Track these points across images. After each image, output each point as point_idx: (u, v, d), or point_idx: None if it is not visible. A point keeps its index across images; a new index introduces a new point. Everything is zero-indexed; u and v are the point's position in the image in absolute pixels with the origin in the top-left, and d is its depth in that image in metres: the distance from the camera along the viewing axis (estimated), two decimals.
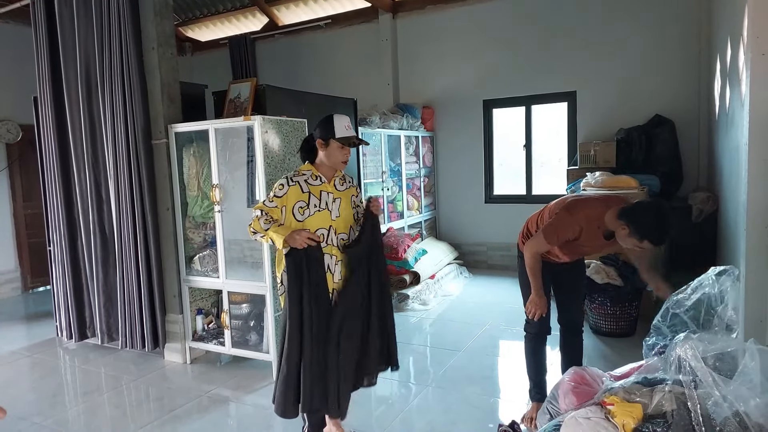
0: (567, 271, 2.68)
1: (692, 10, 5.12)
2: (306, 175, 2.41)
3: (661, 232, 2.12)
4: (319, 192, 2.40)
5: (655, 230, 2.10)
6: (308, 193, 2.38)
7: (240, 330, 3.68)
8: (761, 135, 2.02)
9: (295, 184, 2.36)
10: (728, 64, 3.53)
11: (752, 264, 2.09)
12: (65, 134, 4.02)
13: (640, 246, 2.15)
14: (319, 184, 2.42)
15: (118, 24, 3.63)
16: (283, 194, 2.34)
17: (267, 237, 2.31)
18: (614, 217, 2.21)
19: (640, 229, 2.11)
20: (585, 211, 2.31)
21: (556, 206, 2.51)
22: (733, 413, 1.56)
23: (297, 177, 2.39)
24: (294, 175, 2.40)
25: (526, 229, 2.70)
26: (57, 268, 4.25)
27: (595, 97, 5.63)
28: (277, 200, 2.34)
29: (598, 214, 2.28)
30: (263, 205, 2.35)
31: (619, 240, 2.24)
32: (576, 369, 2.23)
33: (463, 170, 6.47)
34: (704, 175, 5.17)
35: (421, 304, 4.98)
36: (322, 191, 2.41)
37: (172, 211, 3.75)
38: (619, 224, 2.19)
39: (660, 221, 2.11)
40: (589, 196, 2.52)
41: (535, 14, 5.84)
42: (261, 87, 3.77)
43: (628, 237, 2.15)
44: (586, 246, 2.44)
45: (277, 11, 7.24)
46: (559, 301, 2.73)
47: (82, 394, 3.45)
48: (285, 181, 2.36)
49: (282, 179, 2.38)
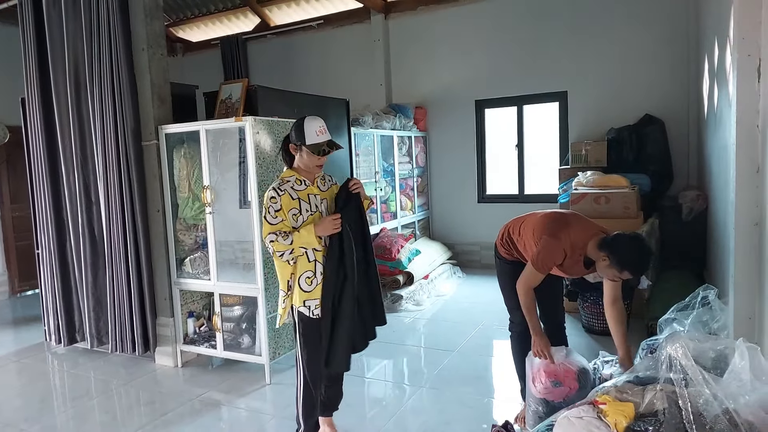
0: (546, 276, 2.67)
1: (681, 12, 5.16)
2: (290, 181, 2.40)
3: (642, 263, 2.20)
4: (306, 196, 2.41)
5: (635, 261, 2.17)
6: (298, 200, 2.38)
7: (232, 332, 3.66)
8: (748, 134, 2.04)
9: (284, 193, 2.35)
10: (716, 65, 3.56)
11: (741, 262, 2.11)
12: (54, 136, 3.98)
13: (620, 276, 2.21)
14: (305, 188, 2.42)
15: (107, 24, 3.60)
16: (279, 207, 2.33)
17: (296, 249, 2.32)
18: (595, 247, 2.25)
19: (621, 260, 2.16)
20: (570, 238, 2.33)
21: (539, 226, 2.48)
22: (723, 411, 1.57)
23: (283, 185, 2.38)
24: (280, 184, 2.38)
25: (507, 235, 2.68)
26: (45, 271, 4.21)
27: (586, 97, 5.67)
28: (278, 214, 2.33)
29: (581, 242, 2.32)
30: (271, 227, 2.32)
31: (599, 269, 2.28)
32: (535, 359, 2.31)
33: (456, 170, 6.48)
34: (694, 174, 5.21)
35: (414, 304, 4.98)
36: (309, 194, 2.42)
37: (162, 213, 3.72)
38: (600, 255, 2.23)
39: (641, 252, 2.18)
40: (570, 217, 2.51)
41: (527, 15, 5.86)
42: (252, 88, 3.75)
43: (609, 267, 2.21)
44: (567, 270, 2.45)
45: (268, 11, 7.22)
46: (541, 306, 2.72)
47: (71, 399, 3.41)
48: (274, 193, 2.34)
49: (270, 192, 2.35)
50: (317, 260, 2.39)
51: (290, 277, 2.40)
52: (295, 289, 2.40)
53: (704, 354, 1.80)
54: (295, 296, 2.41)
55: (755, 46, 2.01)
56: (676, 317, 2.20)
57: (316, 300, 2.39)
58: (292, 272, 2.40)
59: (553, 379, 2.34)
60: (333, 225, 2.32)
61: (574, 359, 2.42)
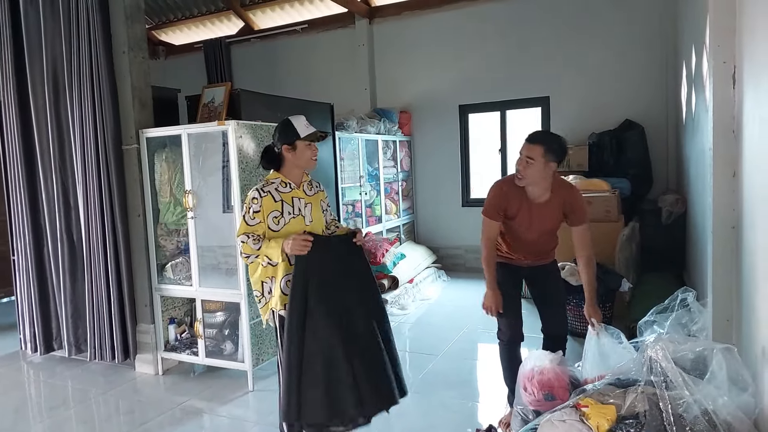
0: (539, 278, 2.71)
1: (659, 20, 5.27)
2: (275, 183, 2.37)
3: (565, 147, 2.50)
4: (291, 199, 2.37)
5: (563, 147, 2.47)
6: (281, 202, 2.34)
7: (214, 339, 3.61)
8: (724, 139, 2.08)
9: (267, 195, 2.32)
10: (693, 71, 3.63)
11: (718, 264, 2.14)
12: (31, 139, 3.90)
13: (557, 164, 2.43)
14: (290, 190, 2.39)
15: (87, 26, 3.54)
16: (260, 209, 2.29)
17: (261, 256, 2.29)
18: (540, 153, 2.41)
19: (557, 147, 2.42)
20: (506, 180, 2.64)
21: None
22: (702, 412, 1.59)
23: (267, 187, 2.34)
24: (264, 186, 2.35)
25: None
26: (21, 278, 4.11)
27: (568, 103, 5.74)
28: (257, 215, 2.29)
29: (510, 178, 2.58)
30: (246, 227, 2.29)
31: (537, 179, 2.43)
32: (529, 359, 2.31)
33: (441, 174, 6.51)
34: (673, 178, 5.30)
35: (399, 308, 4.98)
36: (294, 197, 2.38)
37: (143, 218, 3.67)
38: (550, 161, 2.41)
39: (561, 139, 2.51)
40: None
41: (510, 21, 5.92)
42: (236, 91, 3.72)
43: (547, 163, 2.40)
44: (523, 224, 2.55)
45: (252, 15, 7.19)
46: (539, 311, 2.75)
47: (48, 409, 3.33)
48: (257, 193, 2.31)
49: (253, 192, 2.31)
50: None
51: (268, 279, 2.35)
52: (276, 293, 2.35)
53: (684, 356, 1.83)
54: (275, 300, 2.35)
55: (730, 54, 2.05)
56: (656, 319, 2.23)
57: None
58: (271, 275, 2.34)
59: (546, 391, 2.32)
60: (301, 245, 2.17)
61: (567, 368, 2.40)
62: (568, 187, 2.61)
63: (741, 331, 2.02)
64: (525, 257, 2.69)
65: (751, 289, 1.86)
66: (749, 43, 1.86)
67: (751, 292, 1.86)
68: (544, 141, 2.43)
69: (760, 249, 1.73)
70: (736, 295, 2.08)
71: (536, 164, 2.42)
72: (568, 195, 2.54)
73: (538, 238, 2.63)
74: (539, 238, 2.63)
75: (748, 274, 1.90)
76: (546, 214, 2.55)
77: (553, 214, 2.55)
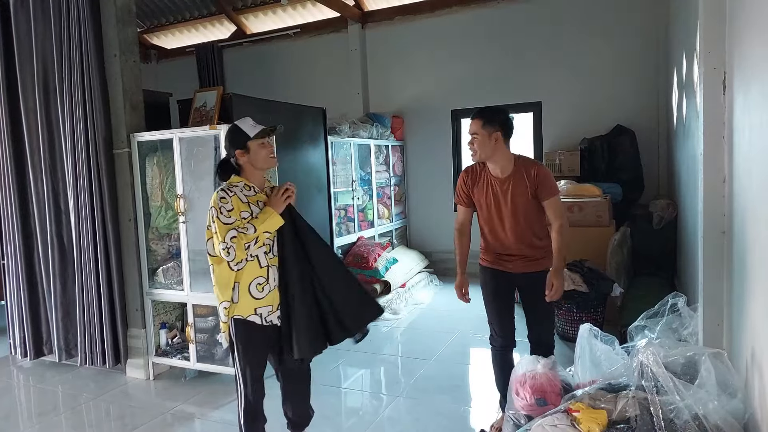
0: (530, 287, 2.67)
1: (651, 26, 5.32)
2: (239, 186, 2.32)
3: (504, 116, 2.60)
4: (255, 201, 2.33)
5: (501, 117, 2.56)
6: (248, 203, 2.30)
7: (206, 344, 3.58)
8: (715, 145, 2.09)
9: (234, 195, 2.27)
10: (684, 77, 3.66)
11: (709, 269, 2.16)
12: (21, 142, 3.87)
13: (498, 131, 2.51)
14: (253, 194, 2.34)
15: (78, 30, 3.52)
16: (231, 206, 2.23)
17: (260, 236, 2.24)
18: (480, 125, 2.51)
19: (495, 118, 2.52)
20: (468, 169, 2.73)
21: None
22: (692, 416, 1.60)
23: (232, 188, 2.29)
24: (229, 187, 2.30)
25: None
26: (11, 282, 4.06)
27: (560, 108, 5.77)
28: (232, 213, 2.23)
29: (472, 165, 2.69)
30: (226, 226, 2.19)
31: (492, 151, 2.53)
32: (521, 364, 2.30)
33: (433, 179, 6.52)
34: (664, 183, 5.34)
35: (392, 313, 4.97)
36: (258, 201, 2.34)
37: (134, 222, 3.64)
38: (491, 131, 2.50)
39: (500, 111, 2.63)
40: None
41: (502, 27, 5.96)
42: (228, 95, 3.71)
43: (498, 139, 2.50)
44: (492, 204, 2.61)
45: (245, 19, 7.18)
46: (527, 319, 2.75)
47: (37, 415, 3.29)
48: (224, 194, 2.26)
49: (219, 193, 2.26)
50: (270, 265, 2.31)
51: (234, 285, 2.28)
52: (242, 299, 2.28)
53: (674, 360, 1.84)
54: (240, 306, 2.29)
55: (720, 60, 2.07)
56: (647, 324, 2.24)
57: (269, 306, 2.31)
58: (236, 280, 2.28)
59: (538, 396, 2.32)
60: (284, 196, 2.29)
61: (559, 373, 2.40)
62: (532, 162, 2.64)
63: (731, 336, 2.03)
64: (511, 257, 2.63)
65: (741, 293, 1.87)
66: (739, 50, 1.88)
67: (741, 296, 1.87)
68: (482, 114, 2.54)
69: (750, 254, 1.75)
70: (727, 299, 2.09)
71: (480, 137, 2.51)
72: (531, 167, 2.56)
73: (513, 224, 2.58)
74: (514, 224, 2.58)
75: (738, 279, 1.92)
76: (512, 189, 2.55)
77: (518, 189, 2.54)
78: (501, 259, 2.68)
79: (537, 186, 2.53)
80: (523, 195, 2.55)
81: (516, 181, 2.54)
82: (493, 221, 2.63)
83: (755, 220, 1.68)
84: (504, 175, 2.56)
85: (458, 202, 2.75)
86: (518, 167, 2.56)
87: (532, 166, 2.57)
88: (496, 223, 2.63)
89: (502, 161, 2.55)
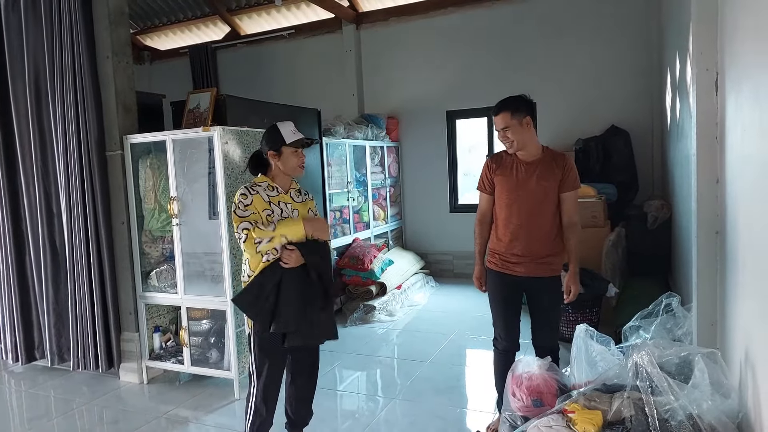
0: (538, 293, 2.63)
1: (645, 27, 5.35)
2: (263, 185, 2.38)
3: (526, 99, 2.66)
4: (277, 202, 2.38)
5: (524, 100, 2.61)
6: (269, 203, 2.35)
7: (200, 347, 3.56)
8: (708, 146, 2.10)
9: (256, 194, 2.34)
10: (677, 78, 3.68)
11: (702, 269, 2.16)
12: (12, 145, 3.84)
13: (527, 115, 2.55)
14: (276, 194, 2.39)
15: (69, 31, 3.50)
16: (250, 203, 2.30)
17: (276, 237, 2.26)
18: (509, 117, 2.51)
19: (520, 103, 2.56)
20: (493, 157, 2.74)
21: None
22: (687, 416, 1.60)
23: (256, 187, 2.36)
24: (252, 186, 2.36)
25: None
26: (2, 286, 4.02)
27: (554, 109, 5.78)
28: (249, 207, 2.29)
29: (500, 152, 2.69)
30: (241, 219, 2.26)
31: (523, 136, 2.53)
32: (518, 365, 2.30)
33: (429, 180, 6.51)
34: (658, 184, 5.36)
35: (387, 315, 4.96)
36: (281, 201, 2.39)
37: (127, 225, 3.62)
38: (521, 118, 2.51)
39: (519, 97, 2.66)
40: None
41: (497, 28, 5.97)
42: (221, 97, 3.69)
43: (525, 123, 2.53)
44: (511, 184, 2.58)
45: (239, 20, 7.17)
46: (532, 322, 2.71)
47: (29, 420, 3.26)
48: (246, 191, 2.33)
49: (241, 190, 2.33)
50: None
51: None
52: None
53: (669, 360, 1.84)
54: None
55: (713, 61, 2.08)
56: (641, 324, 2.24)
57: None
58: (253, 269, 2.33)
59: (534, 397, 2.32)
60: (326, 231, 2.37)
61: (555, 374, 2.40)
62: (560, 152, 2.67)
63: (725, 335, 2.04)
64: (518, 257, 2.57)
65: (734, 293, 1.87)
66: (731, 51, 1.88)
67: (734, 296, 1.88)
68: (507, 106, 2.54)
69: (743, 254, 1.75)
70: (720, 299, 2.10)
71: (512, 127, 2.50)
72: (560, 156, 2.61)
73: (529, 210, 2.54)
74: (531, 210, 2.54)
75: (731, 279, 1.92)
76: (539, 173, 2.54)
77: (546, 173, 2.53)
78: (509, 262, 2.61)
79: (564, 175, 2.54)
80: (550, 180, 2.53)
81: (545, 166, 2.55)
82: (511, 207, 2.57)
83: (749, 220, 1.69)
84: (532, 159, 2.58)
85: (480, 189, 2.73)
86: (547, 154, 2.60)
87: (561, 155, 2.61)
88: (513, 209, 2.57)
89: (533, 145, 2.58)
